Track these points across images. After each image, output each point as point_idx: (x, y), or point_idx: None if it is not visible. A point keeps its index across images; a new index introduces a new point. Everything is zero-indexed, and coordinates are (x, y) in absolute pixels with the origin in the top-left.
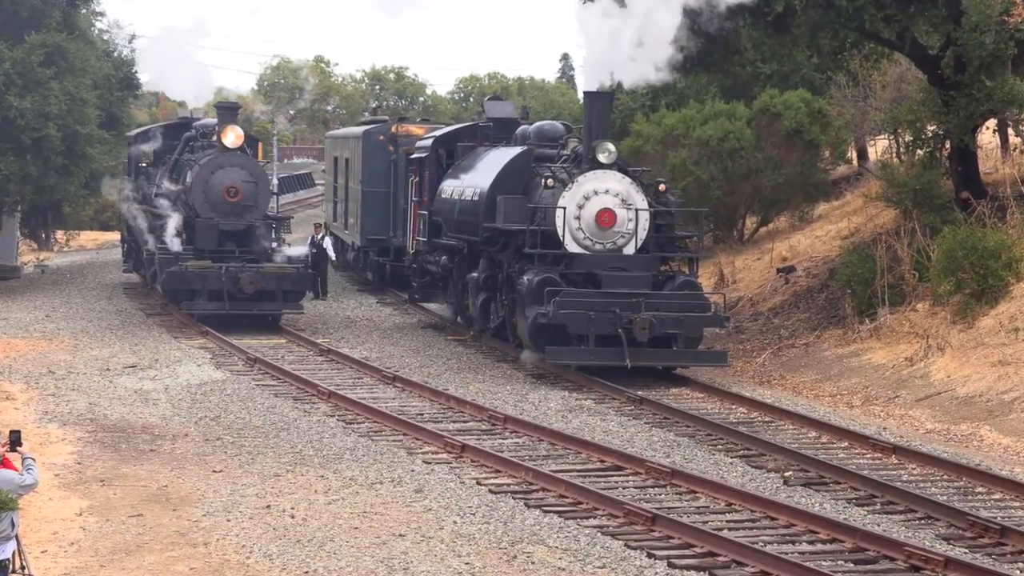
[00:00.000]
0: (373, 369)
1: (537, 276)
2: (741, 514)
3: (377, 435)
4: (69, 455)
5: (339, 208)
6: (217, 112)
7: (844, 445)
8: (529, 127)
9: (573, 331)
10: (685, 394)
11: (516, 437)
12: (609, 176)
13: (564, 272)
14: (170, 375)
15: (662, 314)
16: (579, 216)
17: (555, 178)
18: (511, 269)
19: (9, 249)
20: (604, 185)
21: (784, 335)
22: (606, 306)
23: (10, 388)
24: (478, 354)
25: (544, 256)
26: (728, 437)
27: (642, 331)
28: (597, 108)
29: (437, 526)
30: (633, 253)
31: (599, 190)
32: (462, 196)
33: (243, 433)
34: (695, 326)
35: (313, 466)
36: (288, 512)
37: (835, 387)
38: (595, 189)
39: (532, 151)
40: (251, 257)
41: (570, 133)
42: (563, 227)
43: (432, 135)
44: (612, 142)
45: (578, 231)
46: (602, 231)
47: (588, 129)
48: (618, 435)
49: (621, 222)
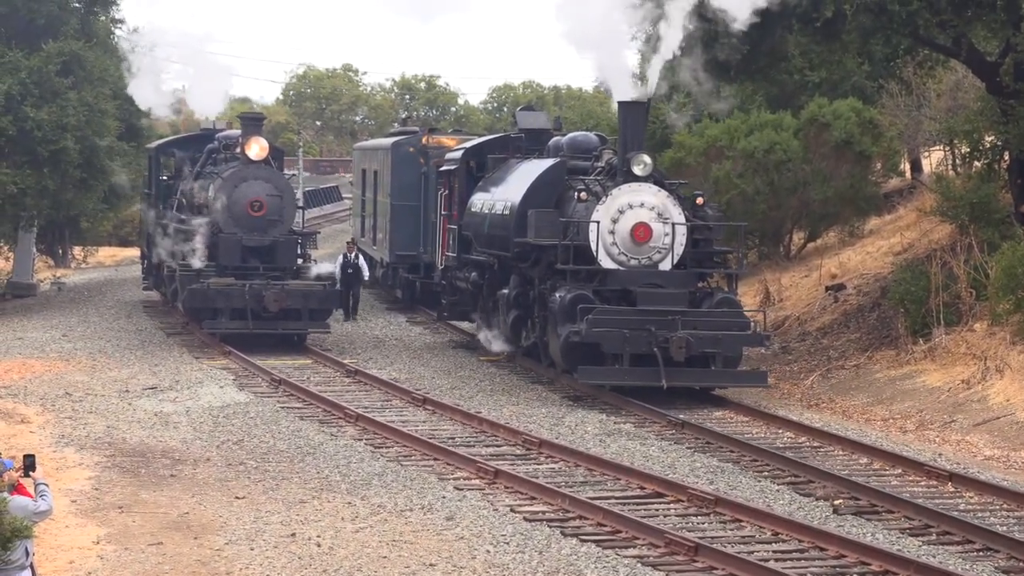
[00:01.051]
0: (402, 391)
1: (570, 293)
2: (788, 544)
3: (407, 460)
4: (86, 480)
5: (367, 223)
6: (241, 123)
7: (897, 472)
8: (562, 138)
9: (607, 350)
10: (729, 417)
11: (552, 462)
12: (645, 189)
13: (597, 289)
14: (191, 397)
15: (700, 332)
16: (613, 231)
17: (589, 191)
18: (543, 286)
19: (25, 266)
20: (640, 198)
21: (833, 356)
22: (641, 324)
23: (25, 411)
24: (512, 375)
25: (577, 272)
26: (775, 463)
27: (679, 350)
28: (632, 118)
29: (469, 556)
30: (670, 269)
31: (634, 203)
32: (492, 210)
33: (267, 458)
34: (734, 345)
35: (340, 492)
36: (314, 541)
37: (887, 411)
38: (630, 203)
39: (565, 163)
40: (276, 274)
41: (605, 145)
42: (597, 242)
43: (462, 147)
44: (649, 154)
45: (612, 246)
46: (637, 246)
47: (623, 140)
48: (659, 460)
49: (657, 237)
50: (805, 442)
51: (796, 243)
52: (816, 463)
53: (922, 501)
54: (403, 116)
